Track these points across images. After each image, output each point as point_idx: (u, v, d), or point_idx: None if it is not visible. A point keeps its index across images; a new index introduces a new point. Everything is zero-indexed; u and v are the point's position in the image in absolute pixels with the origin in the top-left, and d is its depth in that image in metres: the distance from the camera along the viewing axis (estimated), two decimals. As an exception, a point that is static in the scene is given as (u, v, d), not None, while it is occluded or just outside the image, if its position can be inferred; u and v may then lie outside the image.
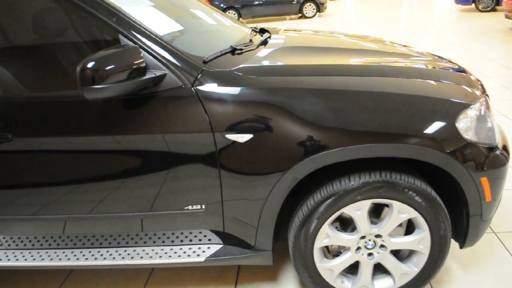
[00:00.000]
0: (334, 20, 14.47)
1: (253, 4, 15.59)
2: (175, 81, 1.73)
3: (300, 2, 15.38)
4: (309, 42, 2.43)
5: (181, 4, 2.50)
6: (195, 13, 2.54)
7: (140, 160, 1.81)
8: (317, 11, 15.54)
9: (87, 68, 1.53)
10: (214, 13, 2.70)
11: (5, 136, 1.84)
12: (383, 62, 2.05)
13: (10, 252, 2.18)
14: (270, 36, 2.44)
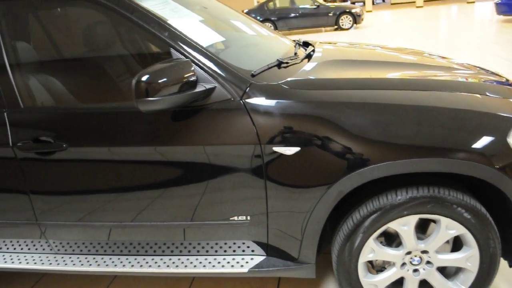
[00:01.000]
0: (370, 32, 14.37)
1: (289, 17, 15.69)
2: (224, 94, 1.77)
3: (336, 14, 15.36)
4: (351, 55, 2.43)
5: (224, 17, 2.56)
6: (239, 25, 2.59)
7: (188, 171, 1.85)
8: (354, 23, 15.48)
9: (141, 81, 1.59)
10: (256, 26, 2.74)
11: (61, 146, 1.92)
12: (425, 75, 2.03)
13: (59, 257, 2.26)
14: (314, 49, 2.45)
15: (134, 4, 1.89)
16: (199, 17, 2.25)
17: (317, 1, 15.77)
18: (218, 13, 2.55)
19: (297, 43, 2.58)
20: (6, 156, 2.02)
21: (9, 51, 2.02)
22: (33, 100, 2.03)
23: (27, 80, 2.05)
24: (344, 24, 15.53)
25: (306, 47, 2.63)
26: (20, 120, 1.99)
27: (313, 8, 15.56)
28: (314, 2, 15.69)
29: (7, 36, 2.03)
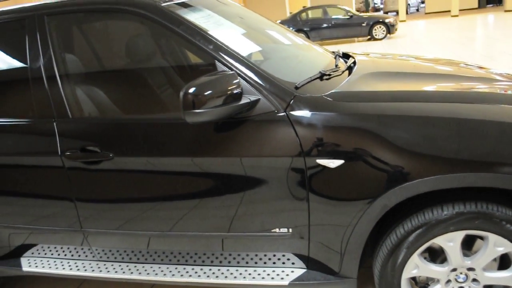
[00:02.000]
0: (404, 42, 14.20)
1: (322, 27, 15.67)
2: (268, 106, 1.78)
3: (370, 24, 15.25)
4: (390, 67, 2.41)
5: (264, 29, 2.58)
6: (278, 37, 2.60)
7: (230, 182, 1.87)
8: (387, 33, 15.33)
9: (188, 93, 1.62)
10: (295, 37, 2.74)
11: (107, 155, 1.97)
12: (465, 87, 1.99)
13: (101, 264, 2.31)
14: (355, 61, 2.44)
15: (180, 17, 1.93)
16: (241, 30, 2.28)
17: (350, 12, 15.71)
18: (258, 25, 2.57)
19: (336, 54, 2.57)
20: (54, 164, 2.08)
21: (59, 63, 2.10)
22: (80, 111, 2.09)
23: (75, 91, 2.11)
24: (377, 34, 15.39)
25: (346, 59, 2.62)
26: (68, 130, 2.05)
27: (346, 18, 15.50)
28: (347, 13, 15.63)
29: (57, 48, 2.11)
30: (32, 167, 2.14)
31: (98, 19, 2.12)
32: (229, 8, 2.52)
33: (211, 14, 2.22)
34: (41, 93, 2.10)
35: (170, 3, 2.05)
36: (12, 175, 2.20)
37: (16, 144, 2.15)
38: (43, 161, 2.10)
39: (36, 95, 2.11)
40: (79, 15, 2.12)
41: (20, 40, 2.16)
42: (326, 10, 15.91)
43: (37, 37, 2.11)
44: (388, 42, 14.77)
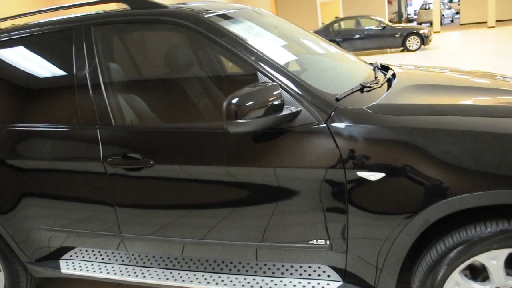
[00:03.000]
0: (439, 54, 13.96)
1: (354, 38, 15.59)
2: (309, 118, 1.79)
3: (403, 35, 15.08)
4: (429, 80, 2.37)
5: (303, 40, 2.58)
6: (316, 48, 2.60)
7: (268, 192, 1.87)
8: (421, 44, 15.12)
9: (231, 103, 1.64)
10: (332, 48, 2.74)
11: (148, 162, 2.01)
12: (503, 101, 1.94)
13: (137, 269, 2.34)
14: (394, 74, 2.42)
15: (223, 29, 1.96)
16: (280, 40, 2.29)
17: (383, 22, 15.58)
18: (296, 35, 2.58)
19: (375, 66, 2.55)
20: (96, 170, 2.14)
21: (103, 71, 2.16)
22: (123, 118, 2.14)
23: (118, 99, 2.17)
24: (411, 45, 15.20)
25: (384, 71, 2.60)
26: (111, 137, 2.10)
27: (379, 29, 15.38)
28: (381, 23, 15.51)
29: (102, 57, 2.17)
30: (75, 172, 2.20)
31: (142, 30, 2.18)
32: (267, 20, 2.55)
33: (251, 25, 2.25)
34: (85, 101, 2.16)
35: (212, 15, 2.09)
36: (55, 179, 2.27)
37: (61, 149, 2.22)
38: (86, 167, 2.16)
39: (81, 102, 2.17)
40: (124, 26, 2.18)
41: (67, 49, 2.24)
42: (359, 21, 15.82)
43: (84, 47, 2.18)
44: (422, 53, 14.55)
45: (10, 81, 2.43)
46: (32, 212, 2.40)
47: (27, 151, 2.31)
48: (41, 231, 2.45)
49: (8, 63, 2.44)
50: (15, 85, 2.41)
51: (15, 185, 2.38)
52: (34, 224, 2.44)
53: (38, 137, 2.29)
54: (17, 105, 2.39)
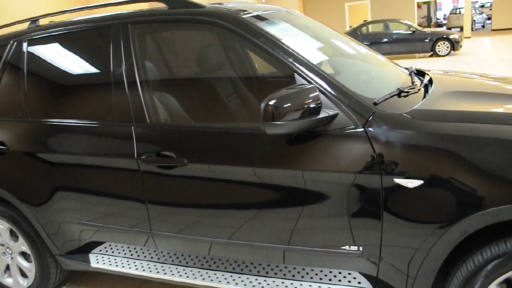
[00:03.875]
0: (469, 60, 13.69)
1: (382, 42, 15.41)
2: (346, 121, 1.77)
3: (433, 40, 14.83)
4: (464, 86, 2.31)
5: (336, 42, 2.56)
6: (351, 51, 2.57)
7: (301, 195, 1.86)
8: (451, 49, 14.84)
9: (269, 104, 1.63)
10: (367, 51, 2.71)
11: (182, 161, 2.01)
12: None
13: (166, 266, 2.35)
14: (431, 79, 2.37)
15: (261, 29, 1.96)
16: (316, 43, 2.27)
17: (412, 26, 15.36)
18: (330, 38, 2.56)
19: (411, 71, 2.51)
20: (130, 167, 2.16)
21: (140, 69, 2.18)
22: (157, 117, 2.15)
23: (153, 97, 2.18)
24: (441, 50, 14.93)
25: (420, 76, 2.56)
26: (145, 134, 2.12)
27: (408, 33, 15.16)
28: (410, 28, 15.29)
29: (139, 55, 2.19)
30: (108, 168, 2.23)
31: (178, 29, 2.19)
32: (302, 21, 2.53)
33: (287, 27, 2.24)
34: (121, 98, 2.19)
35: (249, 15, 2.09)
36: (88, 174, 2.30)
37: (95, 145, 2.25)
38: (120, 163, 2.18)
39: (116, 99, 2.20)
40: (161, 25, 2.20)
41: (104, 47, 2.27)
42: (387, 24, 15.64)
43: (121, 45, 2.20)
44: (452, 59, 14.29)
45: (48, 76, 2.48)
46: (65, 206, 2.44)
47: (62, 145, 2.35)
48: (72, 224, 2.49)
49: (46, 59, 2.49)
50: (52, 81, 2.46)
51: (49, 178, 2.43)
52: (66, 218, 2.48)
53: (73, 132, 2.32)
54: (54, 101, 2.44)
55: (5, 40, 2.67)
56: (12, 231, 2.78)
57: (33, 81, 2.51)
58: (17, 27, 2.80)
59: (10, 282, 2.93)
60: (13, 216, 2.66)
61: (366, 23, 16.40)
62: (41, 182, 2.46)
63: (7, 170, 2.54)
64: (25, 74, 2.52)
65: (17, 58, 2.58)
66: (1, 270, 2.94)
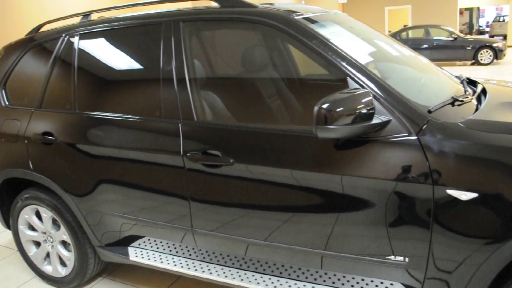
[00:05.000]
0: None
1: (422, 48, 15.10)
2: (399, 129, 1.72)
3: (475, 47, 14.43)
4: None
5: (387, 47, 2.51)
6: (401, 56, 2.52)
7: (346, 201, 1.82)
8: (494, 58, 14.40)
9: (322, 108, 1.61)
10: (418, 56, 2.64)
11: (228, 160, 2.01)
12: None
13: (204, 265, 2.36)
14: (485, 88, 2.29)
15: (314, 31, 1.93)
16: (368, 47, 2.23)
17: (454, 33, 14.98)
18: (380, 42, 2.51)
19: (463, 80, 2.43)
20: (175, 164, 2.17)
21: (189, 67, 2.19)
22: (205, 115, 2.16)
23: (201, 95, 2.19)
24: (483, 59, 14.51)
25: (472, 85, 2.48)
26: (192, 132, 2.12)
27: (449, 40, 14.80)
28: (451, 34, 14.92)
29: (189, 53, 2.20)
30: (153, 163, 2.25)
31: (230, 28, 2.19)
32: (353, 24, 2.49)
33: (339, 29, 2.21)
34: (169, 95, 2.20)
35: (301, 17, 2.07)
36: (133, 168, 2.33)
37: (141, 139, 2.27)
38: (165, 159, 2.20)
39: (165, 96, 2.22)
40: (213, 24, 2.20)
41: (155, 44, 2.29)
42: (428, 30, 15.31)
43: (172, 42, 2.22)
44: (495, 68, 13.87)
45: (97, 71, 2.52)
46: (108, 198, 2.48)
47: (108, 139, 2.38)
48: (114, 217, 2.53)
49: (96, 54, 2.54)
50: (101, 75, 2.50)
51: (94, 170, 2.47)
52: (108, 210, 2.52)
53: (120, 127, 2.36)
54: (102, 95, 2.48)
55: (58, 34, 2.74)
56: (55, 220, 2.85)
57: (82, 74, 2.56)
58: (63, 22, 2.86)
59: (49, 270, 3.00)
60: (56, 205, 2.72)
61: (406, 28, 16.10)
62: (85, 173, 2.50)
63: (53, 161, 2.60)
64: (75, 67, 2.58)
65: (68, 51, 2.64)
66: (42, 257, 3.01)
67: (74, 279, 2.88)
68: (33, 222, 2.93)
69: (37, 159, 2.67)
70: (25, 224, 3.00)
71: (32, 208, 2.89)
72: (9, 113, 2.84)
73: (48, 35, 2.79)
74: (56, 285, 3.01)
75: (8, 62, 2.95)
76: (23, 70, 2.85)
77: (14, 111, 2.82)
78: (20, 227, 3.00)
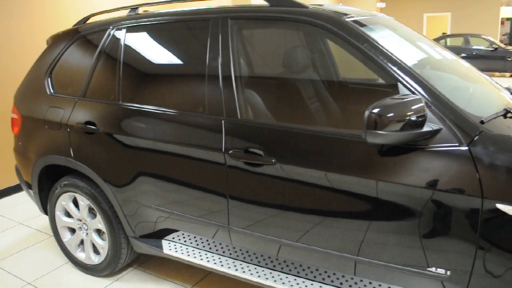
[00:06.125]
0: (555, 83, 12.81)
1: (460, 57, 14.75)
2: (450, 138, 1.68)
3: (517, 59, 14.00)
4: None
5: (435, 54, 2.45)
6: (450, 64, 2.46)
7: (389, 208, 1.78)
8: (536, 70, 13.95)
9: (373, 113, 1.58)
10: (465, 64, 2.57)
11: (270, 160, 2.00)
12: None
13: (238, 263, 2.35)
14: (538, 101, 2.21)
15: (365, 35, 1.90)
16: (419, 53, 2.18)
17: (495, 43, 14.58)
18: (431, 49, 2.45)
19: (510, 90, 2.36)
20: (216, 160, 2.17)
21: (235, 64, 2.18)
22: (248, 113, 2.15)
23: (246, 93, 2.18)
24: (523, 71, 14.08)
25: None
26: (235, 129, 2.12)
27: (489, 50, 14.40)
28: (492, 44, 14.52)
29: (236, 50, 2.20)
30: (193, 158, 2.26)
31: (278, 27, 2.17)
32: (403, 29, 2.44)
33: (390, 33, 2.17)
34: (214, 91, 2.20)
35: (352, 19, 2.04)
36: (173, 162, 2.34)
37: (182, 134, 2.28)
38: (206, 155, 2.20)
39: (209, 92, 2.22)
40: (261, 22, 2.19)
41: (202, 39, 2.30)
42: (468, 39, 14.94)
43: (219, 38, 2.22)
44: (535, 81, 13.43)
45: (143, 64, 2.55)
46: (146, 190, 2.50)
47: (149, 131, 2.40)
48: (150, 209, 2.55)
49: (142, 47, 2.57)
50: (146, 68, 2.53)
51: (133, 162, 2.50)
52: (145, 202, 2.54)
53: (161, 120, 2.37)
54: (146, 88, 2.50)
55: (105, 26, 2.78)
56: (91, 208, 2.90)
57: (128, 66, 2.59)
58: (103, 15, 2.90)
59: (82, 257, 3.06)
60: (94, 194, 2.76)
61: (445, 36, 15.77)
62: (125, 164, 2.53)
63: (95, 150, 2.65)
64: (121, 59, 2.61)
65: (115, 43, 2.68)
66: (76, 244, 3.07)
67: (106, 267, 2.92)
68: (70, 209, 2.99)
69: (78, 147, 2.72)
70: (62, 211, 3.06)
71: (70, 195, 2.94)
72: (53, 101, 2.91)
73: (94, 27, 2.84)
74: (88, 272, 3.06)
75: (55, 51, 3.01)
76: (69, 60, 2.91)
77: (58, 100, 2.88)
78: (57, 213, 3.07)
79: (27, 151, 3.05)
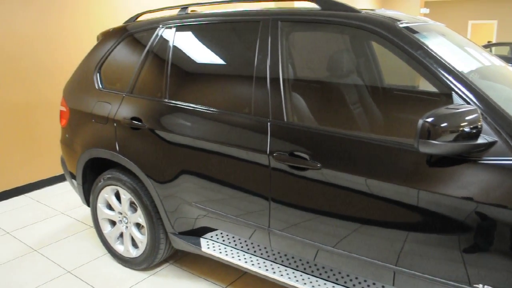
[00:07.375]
0: None
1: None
2: (504, 151, 1.62)
3: None
4: None
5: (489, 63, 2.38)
6: (503, 73, 2.38)
7: (436, 220, 1.74)
8: None
9: (426, 122, 1.54)
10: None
11: (315, 165, 1.98)
12: None
13: (275, 266, 2.35)
14: None
15: (419, 41, 1.86)
16: (473, 62, 2.12)
17: (544, 54, 14.04)
18: (484, 58, 2.38)
19: None
20: (260, 162, 2.17)
21: (284, 67, 2.18)
22: (294, 116, 2.14)
23: (293, 96, 2.17)
24: None
25: None
26: (281, 132, 2.12)
27: (537, 60, 13.89)
28: (541, 54, 13.99)
29: (285, 53, 2.19)
30: (236, 158, 2.27)
31: (329, 31, 2.15)
32: (456, 37, 2.38)
33: (444, 41, 2.12)
34: (261, 93, 2.21)
35: (405, 25, 2.00)
36: (217, 161, 2.36)
37: (227, 134, 2.29)
38: (250, 156, 2.21)
39: (256, 93, 2.22)
40: (311, 25, 2.17)
41: (251, 41, 2.30)
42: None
43: (268, 40, 2.22)
44: None
45: (191, 63, 2.58)
46: (187, 187, 2.53)
47: (194, 130, 2.43)
48: (191, 206, 2.58)
49: (191, 46, 2.60)
50: (194, 67, 2.56)
51: (177, 159, 2.53)
52: (187, 199, 2.57)
53: (207, 119, 2.39)
54: (193, 86, 2.53)
55: (154, 24, 2.83)
56: (132, 202, 2.96)
57: (176, 65, 2.62)
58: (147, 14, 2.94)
59: (121, 249, 3.12)
60: (136, 188, 2.81)
61: (490, 44, 15.29)
62: (168, 161, 2.57)
63: (139, 145, 2.70)
64: (169, 57, 2.65)
65: (164, 42, 2.72)
66: (115, 237, 3.14)
67: (143, 261, 2.97)
68: (112, 202, 3.05)
69: (123, 142, 2.78)
70: (103, 203, 3.13)
71: (112, 188, 3.01)
72: (101, 96, 2.98)
73: (144, 25, 2.90)
74: (125, 264, 3.12)
75: (105, 47, 3.09)
76: (118, 56, 2.98)
77: (106, 95, 2.95)
78: (99, 205, 3.14)
79: (74, 143, 3.14)
